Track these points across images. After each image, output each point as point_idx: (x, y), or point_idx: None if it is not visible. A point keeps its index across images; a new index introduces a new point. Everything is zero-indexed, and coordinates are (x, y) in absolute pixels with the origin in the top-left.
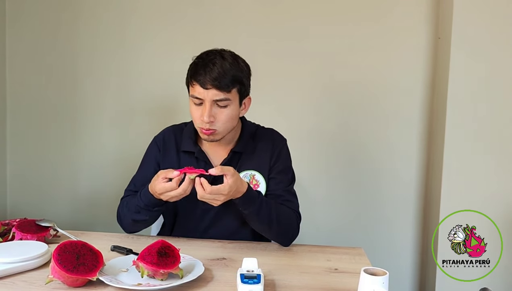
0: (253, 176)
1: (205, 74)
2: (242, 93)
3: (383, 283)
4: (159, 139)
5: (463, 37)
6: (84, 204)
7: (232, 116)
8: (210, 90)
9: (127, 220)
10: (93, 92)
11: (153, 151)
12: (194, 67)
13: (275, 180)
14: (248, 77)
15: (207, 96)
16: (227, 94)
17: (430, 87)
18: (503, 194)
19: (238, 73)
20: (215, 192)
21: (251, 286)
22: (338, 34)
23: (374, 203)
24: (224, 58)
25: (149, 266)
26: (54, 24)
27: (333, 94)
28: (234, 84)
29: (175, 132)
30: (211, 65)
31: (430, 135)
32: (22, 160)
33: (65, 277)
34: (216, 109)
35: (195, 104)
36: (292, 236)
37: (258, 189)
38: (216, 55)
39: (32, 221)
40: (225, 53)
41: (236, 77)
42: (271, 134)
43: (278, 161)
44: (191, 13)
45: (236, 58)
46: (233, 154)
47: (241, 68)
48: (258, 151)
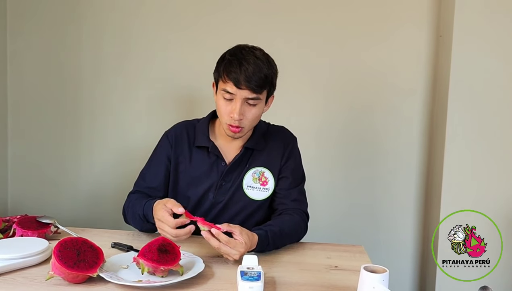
0: (262, 173)
1: (240, 73)
2: (269, 93)
3: (383, 280)
4: (171, 135)
5: (465, 35)
6: (85, 201)
7: (258, 114)
8: (244, 90)
9: (130, 219)
10: (95, 90)
11: (165, 147)
12: (228, 64)
13: (287, 179)
14: (276, 77)
15: (240, 94)
16: (259, 94)
17: (431, 86)
18: (503, 194)
19: (270, 74)
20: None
21: (251, 283)
22: (338, 34)
23: (375, 202)
24: (257, 57)
25: (150, 263)
26: (56, 22)
27: (334, 93)
28: (266, 85)
29: (187, 127)
30: (246, 64)
31: (431, 135)
32: (23, 157)
33: (65, 273)
34: (245, 106)
35: (225, 99)
36: (300, 238)
37: (267, 186)
38: (250, 53)
39: (32, 218)
40: (257, 52)
41: (268, 78)
42: (282, 133)
43: (290, 159)
44: (197, 13)
45: (268, 57)
46: (245, 149)
47: (274, 70)
48: (268, 149)
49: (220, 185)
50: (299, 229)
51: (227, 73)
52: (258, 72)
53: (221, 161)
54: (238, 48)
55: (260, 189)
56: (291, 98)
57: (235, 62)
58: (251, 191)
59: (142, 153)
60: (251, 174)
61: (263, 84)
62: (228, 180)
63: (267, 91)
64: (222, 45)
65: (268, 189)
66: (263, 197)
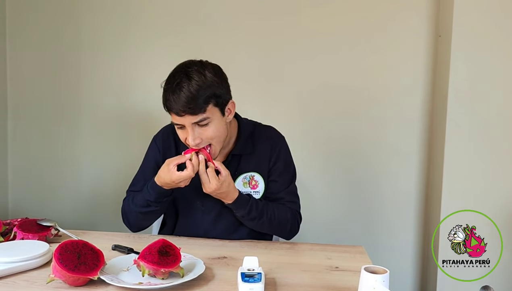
0: (252, 177)
1: (175, 103)
2: (220, 104)
3: (383, 281)
4: (159, 140)
5: (464, 35)
6: (85, 203)
7: (218, 129)
8: (185, 116)
9: (135, 215)
10: (95, 93)
11: (153, 152)
12: (164, 96)
13: (276, 182)
14: (221, 86)
15: (186, 122)
16: (203, 114)
17: (431, 86)
18: (503, 194)
19: (208, 90)
20: (212, 176)
21: (252, 284)
22: (337, 33)
23: (375, 202)
24: (189, 78)
25: (150, 265)
26: (55, 25)
27: (334, 93)
28: (208, 102)
29: (174, 131)
30: (178, 91)
31: (431, 134)
32: (24, 160)
33: (66, 276)
34: (199, 129)
35: (179, 128)
36: (290, 231)
37: (257, 189)
38: (182, 77)
39: (33, 221)
40: (190, 72)
41: (208, 94)
42: (269, 133)
43: (278, 161)
44: (192, 17)
45: (202, 73)
46: (232, 157)
47: (209, 83)
48: (257, 152)
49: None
50: (284, 217)
51: (166, 104)
52: (191, 94)
53: None
54: (172, 73)
55: (250, 192)
56: (291, 98)
57: (169, 92)
58: None
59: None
60: (241, 180)
61: (202, 102)
62: None
63: (214, 105)
64: (221, 47)
65: (258, 191)
66: None
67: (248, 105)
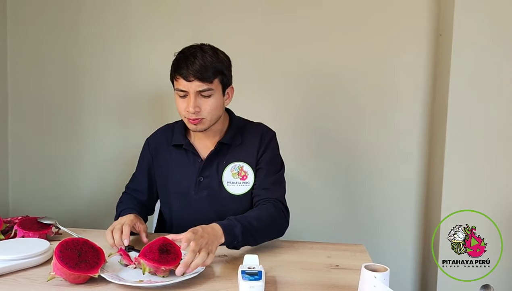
0: (241, 167)
1: (187, 68)
2: (224, 83)
3: (384, 279)
4: (151, 144)
5: (465, 33)
6: (86, 202)
7: (217, 105)
8: (193, 82)
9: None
10: (94, 92)
11: (145, 156)
12: (177, 62)
13: (262, 170)
14: (228, 68)
15: (191, 88)
16: (210, 84)
17: (431, 85)
18: (503, 194)
19: (219, 65)
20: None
21: (252, 282)
22: (338, 31)
23: (376, 201)
24: (204, 51)
25: (151, 263)
26: (55, 23)
27: (335, 92)
28: (216, 75)
29: (166, 131)
30: (192, 58)
31: (431, 134)
32: (24, 159)
33: (67, 274)
34: (200, 99)
35: (180, 97)
36: (281, 230)
37: (247, 180)
38: (197, 49)
39: (34, 219)
40: (205, 47)
41: (217, 69)
42: (259, 128)
43: (266, 152)
44: (192, 9)
45: (215, 50)
46: (220, 145)
47: (221, 60)
48: (246, 143)
49: (199, 181)
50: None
51: (176, 70)
52: (204, 63)
53: (197, 158)
54: (187, 47)
55: (240, 183)
56: (291, 98)
57: (182, 59)
58: (231, 187)
59: None
60: (230, 170)
61: (211, 74)
62: (206, 175)
63: (220, 81)
64: (220, 40)
65: (248, 182)
66: (243, 191)
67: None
